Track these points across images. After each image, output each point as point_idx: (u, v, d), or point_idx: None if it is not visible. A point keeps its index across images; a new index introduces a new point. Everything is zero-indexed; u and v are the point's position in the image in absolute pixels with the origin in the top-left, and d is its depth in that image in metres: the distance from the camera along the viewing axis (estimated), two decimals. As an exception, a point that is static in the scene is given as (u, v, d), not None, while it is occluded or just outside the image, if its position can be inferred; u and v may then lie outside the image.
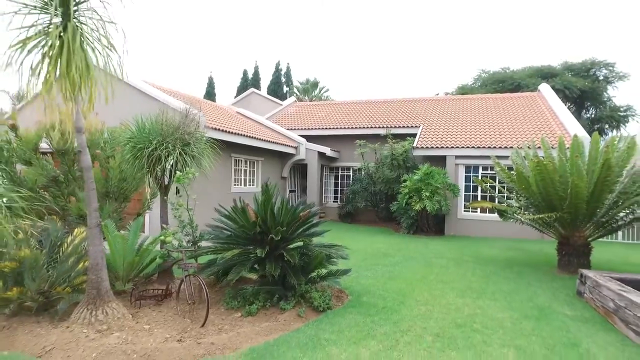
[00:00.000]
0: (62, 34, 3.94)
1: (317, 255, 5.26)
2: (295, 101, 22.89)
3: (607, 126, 27.13)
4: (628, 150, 7.46)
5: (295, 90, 34.16)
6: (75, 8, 4.04)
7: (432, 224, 13.45)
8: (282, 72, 34.72)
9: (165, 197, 6.08)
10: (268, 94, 29.53)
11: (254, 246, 5.23)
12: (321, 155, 16.16)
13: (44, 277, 4.56)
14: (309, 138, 16.56)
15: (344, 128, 16.81)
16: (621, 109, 26.65)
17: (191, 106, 6.09)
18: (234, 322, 4.75)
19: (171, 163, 5.67)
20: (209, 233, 5.66)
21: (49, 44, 3.87)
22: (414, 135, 15.23)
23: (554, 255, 8.34)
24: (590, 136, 8.49)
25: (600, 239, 11.58)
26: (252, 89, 20.82)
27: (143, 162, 5.52)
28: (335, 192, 17.65)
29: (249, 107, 18.29)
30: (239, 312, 5.05)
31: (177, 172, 5.31)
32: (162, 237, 5.22)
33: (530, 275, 7.45)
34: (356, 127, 16.60)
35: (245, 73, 34.09)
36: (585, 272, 6.09)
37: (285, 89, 34.43)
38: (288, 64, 36.10)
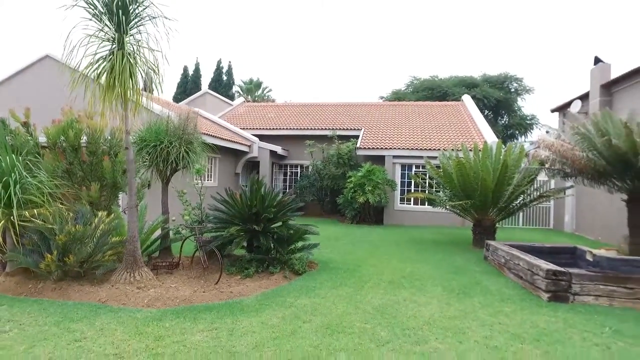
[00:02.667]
0: (118, 58, 5.20)
1: (299, 229, 6.89)
2: (244, 102, 24.11)
3: (517, 132, 31.42)
4: (520, 154, 9.93)
5: (238, 89, 35.04)
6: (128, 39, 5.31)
7: (373, 215, 15.52)
8: (224, 70, 35.31)
9: (172, 187, 7.34)
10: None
11: (250, 224, 6.71)
12: (272, 153, 17.64)
13: (87, 249, 5.72)
14: (260, 137, 17.95)
15: (294, 129, 18.43)
16: (528, 118, 31.07)
17: (190, 111, 7.40)
18: (238, 282, 6.21)
19: (174, 158, 6.96)
20: (209, 215, 7.05)
21: (110, 67, 5.12)
22: (357, 136, 17.27)
23: (470, 236, 10.65)
24: (503, 141, 10.90)
25: (506, 225, 14.33)
26: (207, 90, 21.67)
27: (154, 157, 6.76)
28: (284, 187, 19.22)
29: (205, 107, 19.21)
30: (238, 276, 6.50)
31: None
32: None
33: (452, 250, 9.63)
34: (305, 128, 18.28)
35: (185, 69, 34.30)
36: (489, 242, 8.32)
37: (229, 87, 35.18)
38: (230, 62, 36.84)
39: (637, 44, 59.31)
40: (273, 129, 18.68)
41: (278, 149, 17.61)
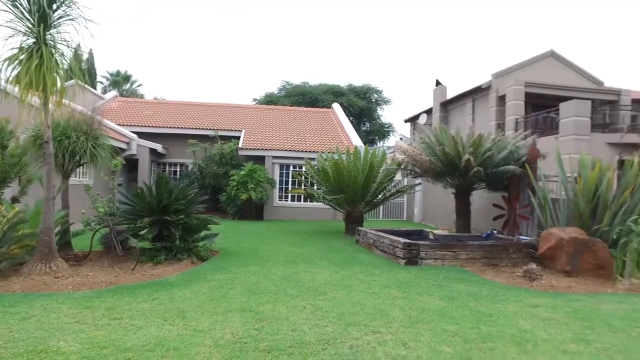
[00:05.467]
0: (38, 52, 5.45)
1: (205, 219, 7.74)
2: (117, 96, 22.89)
3: (377, 137, 35.81)
4: (382, 157, 12.23)
5: (104, 80, 32.56)
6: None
7: (254, 211, 16.67)
8: (84, 59, 32.44)
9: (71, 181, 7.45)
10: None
11: (160, 215, 7.31)
12: (152, 151, 17.45)
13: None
14: (137, 135, 17.57)
15: (174, 127, 18.49)
16: (386, 126, 35.71)
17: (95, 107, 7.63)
18: (151, 268, 6.79)
19: (80, 153, 7.18)
20: (119, 209, 7.42)
21: (29, 61, 5.35)
22: (238, 137, 18.21)
23: (342, 227, 12.60)
24: (366, 146, 13.08)
25: (369, 218, 16.81)
26: (76, 80, 19.95)
27: (58, 151, 6.89)
28: (163, 185, 19.06)
29: (73, 99, 17.81)
30: (150, 263, 7.07)
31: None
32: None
33: (330, 237, 11.39)
34: (186, 128, 18.51)
35: (38, 55, 30.58)
36: (359, 228, 10.26)
37: (90, 77, 32.37)
38: (91, 50, 33.91)
39: (469, 70, 71.65)
40: (152, 126, 18.43)
41: (158, 147, 17.50)
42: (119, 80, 32.82)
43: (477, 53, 77.65)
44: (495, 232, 9.44)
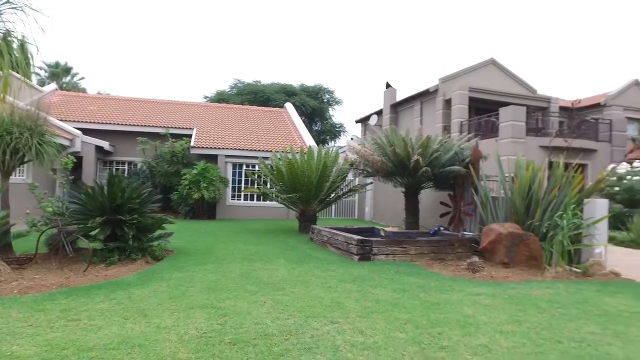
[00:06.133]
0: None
1: (160, 219, 7.64)
2: (57, 89, 21.63)
3: (328, 137, 36.30)
4: (335, 156, 12.55)
5: (41, 72, 30.59)
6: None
7: (206, 211, 16.46)
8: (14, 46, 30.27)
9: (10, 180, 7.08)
10: None
11: (113, 215, 7.14)
12: (98, 149, 16.72)
13: None
14: (82, 131, 16.76)
15: (122, 124, 17.82)
16: (337, 126, 36.29)
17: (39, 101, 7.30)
18: (104, 269, 6.62)
19: (24, 149, 6.85)
20: (68, 208, 7.14)
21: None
22: (189, 135, 17.89)
23: (295, 226, 12.79)
24: (318, 146, 13.35)
25: (322, 217, 17.11)
26: (11, 71, 18.58)
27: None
28: (109, 185, 18.31)
29: (18, 96, 16.61)
30: (102, 264, 6.89)
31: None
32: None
33: (284, 235, 11.55)
34: (135, 125, 17.90)
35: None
36: (314, 226, 10.50)
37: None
38: (24, 36, 31.63)
39: (418, 73, 74.05)
40: (97, 122, 17.65)
41: (105, 145, 16.79)
42: (59, 72, 30.92)
43: (426, 57, 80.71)
44: (442, 228, 10.03)
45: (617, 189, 14.32)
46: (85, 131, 16.93)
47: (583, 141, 14.76)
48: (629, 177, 14.37)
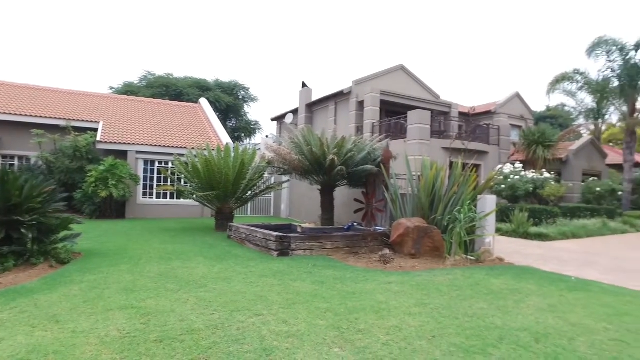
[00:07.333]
0: None
1: (67, 219, 7.12)
2: None
3: (243, 135, 35.90)
4: (253, 154, 12.61)
5: None
6: None
7: (115, 210, 15.48)
8: None
9: None
10: None
11: (9, 215, 6.49)
12: (-18, 141, 14.88)
13: None
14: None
15: (13, 114, 15.99)
16: (252, 123, 36.04)
17: None
18: (-1, 274, 6.04)
19: None
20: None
21: None
22: (94, 129, 16.66)
23: (212, 224, 12.63)
24: (234, 142, 13.28)
25: (238, 215, 17.01)
26: None
27: None
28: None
29: None
30: (-5, 270, 6.25)
31: None
32: None
33: (201, 233, 11.35)
34: (29, 115, 16.17)
35: None
36: (231, 224, 10.48)
37: None
38: None
39: (333, 74, 75.83)
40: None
41: (-11, 137, 14.97)
42: None
43: (341, 59, 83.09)
44: (355, 224, 10.64)
45: (503, 186, 16.30)
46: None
47: (478, 144, 16.52)
48: (512, 176, 16.44)
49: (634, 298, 5.64)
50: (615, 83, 21.00)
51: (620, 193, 20.05)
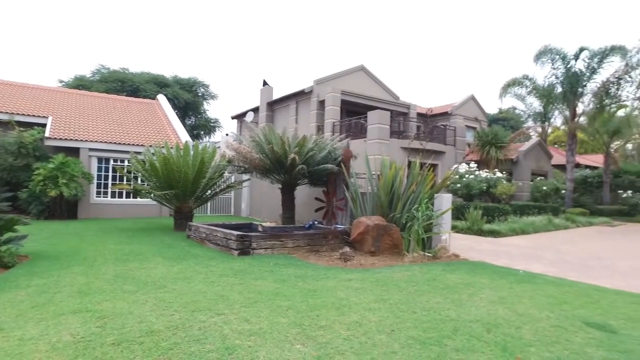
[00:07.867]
0: None
1: (12, 219, 6.74)
2: None
3: (202, 132, 35.17)
4: (213, 153, 12.42)
5: None
6: None
7: (66, 210, 14.75)
8: None
9: None
10: None
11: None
12: None
13: None
14: None
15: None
16: (212, 121, 35.37)
17: None
18: (-64, 279, 5.64)
19: None
20: None
21: None
22: (42, 124, 15.80)
23: (171, 223, 12.33)
24: (193, 140, 13.01)
25: (198, 214, 16.70)
26: None
27: None
28: None
29: None
30: None
31: None
32: None
33: (159, 233, 11.06)
34: (-33, 109, 15.10)
35: None
36: (190, 223, 10.29)
37: None
38: None
39: (294, 73, 75.74)
40: None
41: None
42: None
43: (302, 58, 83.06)
44: (316, 222, 10.72)
45: (458, 185, 16.95)
46: None
47: (435, 144, 17.04)
48: (467, 175, 17.12)
49: (571, 287, 6.09)
50: (559, 89, 22.34)
51: (563, 192, 21.40)
